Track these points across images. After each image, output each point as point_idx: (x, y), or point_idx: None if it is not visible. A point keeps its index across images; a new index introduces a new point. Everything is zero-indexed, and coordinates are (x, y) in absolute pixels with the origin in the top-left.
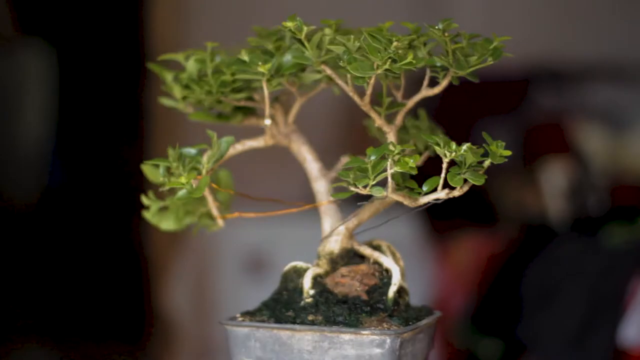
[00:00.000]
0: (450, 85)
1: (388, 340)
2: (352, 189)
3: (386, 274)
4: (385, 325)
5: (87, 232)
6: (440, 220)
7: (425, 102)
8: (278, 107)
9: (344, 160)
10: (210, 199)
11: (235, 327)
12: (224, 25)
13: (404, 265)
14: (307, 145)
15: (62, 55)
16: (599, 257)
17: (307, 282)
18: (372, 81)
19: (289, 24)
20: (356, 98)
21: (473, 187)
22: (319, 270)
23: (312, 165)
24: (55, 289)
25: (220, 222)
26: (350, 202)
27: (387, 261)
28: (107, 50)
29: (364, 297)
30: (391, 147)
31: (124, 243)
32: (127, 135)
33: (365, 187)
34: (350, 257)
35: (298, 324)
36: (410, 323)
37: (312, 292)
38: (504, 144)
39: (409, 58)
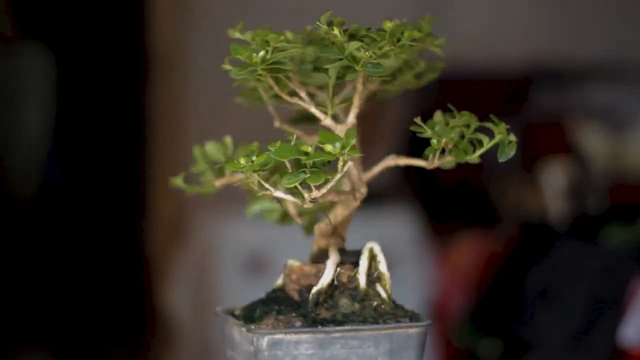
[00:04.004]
0: (449, 85)
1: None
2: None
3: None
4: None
5: (87, 233)
6: (440, 222)
7: (424, 102)
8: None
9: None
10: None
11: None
12: (225, 27)
13: (404, 265)
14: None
15: (62, 56)
16: (599, 257)
17: (280, 280)
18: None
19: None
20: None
21: (473, 187)
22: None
23: None
24: (54, 289)
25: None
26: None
27: (328, 263)
28: (107, 51)
29: (296, 297)
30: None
31: (125, 243)
32: (127, 135)
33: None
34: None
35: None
36: (321, 326)
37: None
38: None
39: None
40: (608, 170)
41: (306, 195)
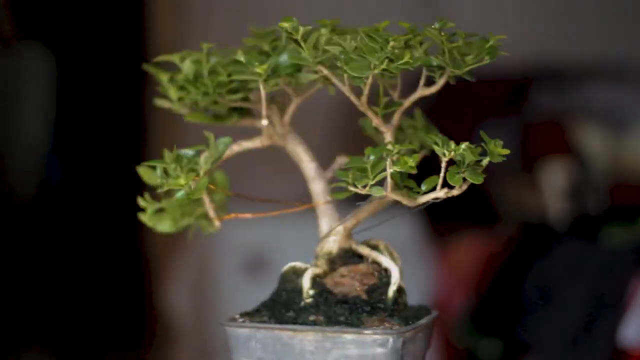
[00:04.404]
0: (448, 85)
1: (390, 340)
2: (351, 188)
3: (385, 274)
4: (387, 325)
5: (87, 233)
6: (440, 222)
7: (423, 102)
8: (274, 107)
9: (340, 160)
10: (207, 200)
11: (236, 328)
12: (225, 27)
13: (404, 265)
14: (303, 145)
15: (62, 57)
16: (599, 257)
17: (306, 283)
18: (369, 81)
19: (285, 25)
20: (353, 98)
21: (473, 187)
22: (318, 271)
23: (308, 165)
24: (54, 290)
25: (217, 223)
26: (348, 203)
27: (385, 260)
28: (107, 51)
29: (364, 296)
30: (390, 147)
31: (125, 243)
32: (128, 135)
33: (364, 187)
34: (349, 257)
35: (300, 324)
36: (410, 322)
37: (311, 292)
38: (501, 142)
39: (406, 58)
40: (608, 170)
41: (442, 193)
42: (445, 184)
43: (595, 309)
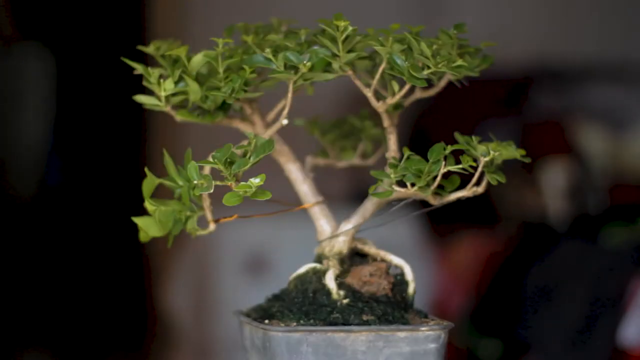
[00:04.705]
0: (448, 85)
1: (442, 335)
2: (396, 188)
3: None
4: (432, 322)
5: (87, 233)
6: (440, 222)
7: (423, 102)
8: (255, 108)
9: (310, 160)
10: (207, 202)
11: (287, 333)
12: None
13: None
14: (286, 146)
15: (62, 57)
16: (599, 257)
17: (332, 283)
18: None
19: (341, 23)
20: (373, 101)
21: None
22: (337, 271)
23: (293, 167)
24: (54, 290)
25: (212, 226)
26: (337, 202)
27: (395, 258)
28: (107, 51)
29: (391, 294)
30: (445, 148)
31: (125, 244)
32: (127, 135)
33: (412, 186)
34: (352, 256)
35: (355, 324)
36: (427, 317)
37: (341, 292)
38: (512, 142)
39: (459, 61)
40: (608, 170)
41: (469, 192)
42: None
43: (595, 309)
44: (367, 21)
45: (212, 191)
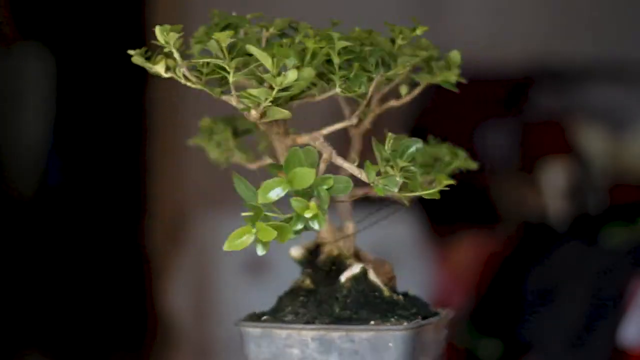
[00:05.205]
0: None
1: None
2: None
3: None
4: (442, 312)
5: (87, 233)
6: (440, 222)
7: (422, 102)
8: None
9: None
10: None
11: (407, 331)
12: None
13: (404, 265)
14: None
15: (62, 57)
16: (599, 257)
17: (378, 282)
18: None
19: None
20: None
21: (473, 187)
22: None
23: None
24: (54, 290)
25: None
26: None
27: (377, 257)
28: (107, 51)
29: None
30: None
31: (125, 244)
32: (128, 135)
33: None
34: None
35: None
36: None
37: (386, 289)
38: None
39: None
40: (608, 170)
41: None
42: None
43: (595, 309)
44: (366, 21)
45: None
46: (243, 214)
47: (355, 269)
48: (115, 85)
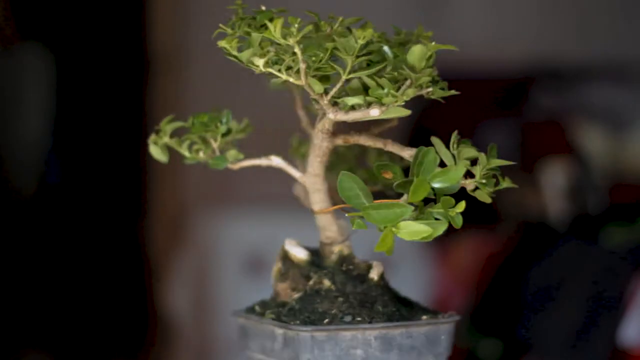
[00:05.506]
0: (447, 85)
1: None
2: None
3: None
4: None
5: (87, 233)
6: None
7: (422, 102)
8: None
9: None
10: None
11: (448, 324)
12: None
13: (404, 265)
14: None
15: (62, 57)
16: (599, 257)
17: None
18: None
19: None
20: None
21: None
22: None
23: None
24: (54, 290)
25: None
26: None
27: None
28: (107, 51)
29: None
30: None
31: (125, 244)
32: (127, 135)
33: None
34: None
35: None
36: None
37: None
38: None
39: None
40: (608, 170)
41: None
42: None
43: (595, 309)
44: (366, 19)
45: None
46: (348, 213)
47: (379, 267)
48: (115, 84)
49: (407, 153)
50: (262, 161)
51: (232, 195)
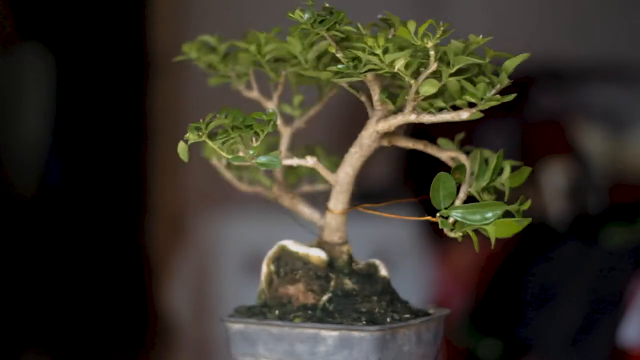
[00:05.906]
0: None
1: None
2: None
3: None
4: None
5: (87, 233)
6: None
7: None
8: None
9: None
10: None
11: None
12: (225, 27)
13: (404, 265)
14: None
15: (62, 57)
16: (599, 257)
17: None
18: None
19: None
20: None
21: None
22: None
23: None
24: (54, 290)
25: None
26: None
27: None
28: (108, 52)
29: None
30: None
31: (125, 244)
32: (128, 135)
33: None
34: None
35: None
36: None
37: None
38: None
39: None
40: (608, 170)
41: None
42: None
43: (595, 309)
44: (365, 19)
45: None
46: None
47: (383, 265)
48: (115, 84)
49: (446, 155)
50: (299, 161)
51: (232, 195)
